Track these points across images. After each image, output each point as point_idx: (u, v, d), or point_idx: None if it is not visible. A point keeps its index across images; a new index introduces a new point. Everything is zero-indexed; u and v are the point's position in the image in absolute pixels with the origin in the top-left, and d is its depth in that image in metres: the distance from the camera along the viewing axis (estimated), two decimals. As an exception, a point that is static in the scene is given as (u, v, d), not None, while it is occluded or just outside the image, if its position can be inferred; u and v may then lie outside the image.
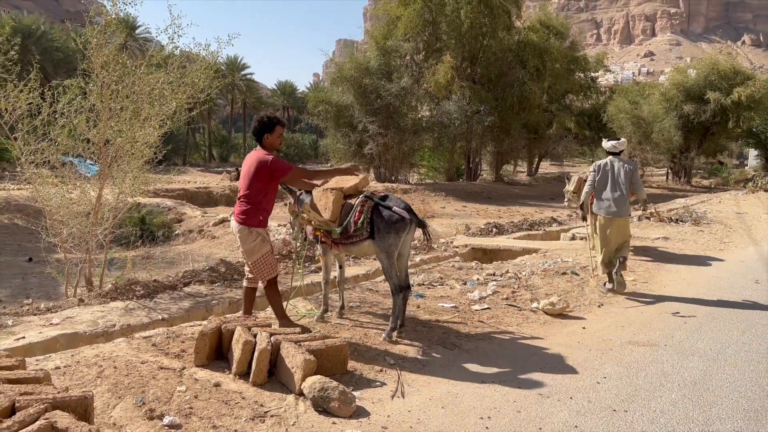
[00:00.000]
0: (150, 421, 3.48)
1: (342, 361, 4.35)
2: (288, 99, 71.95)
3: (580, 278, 7.88)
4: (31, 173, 7.56)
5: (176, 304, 6.65)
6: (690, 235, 11.94)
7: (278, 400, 3.86)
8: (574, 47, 34.53)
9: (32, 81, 7.29)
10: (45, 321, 5.89)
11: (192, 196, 21.15)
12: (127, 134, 7.79)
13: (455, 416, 3.74)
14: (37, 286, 9.76)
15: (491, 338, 5.40)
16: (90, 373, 4.16)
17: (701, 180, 39.62)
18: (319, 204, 5.40)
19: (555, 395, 4.10)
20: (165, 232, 15.39)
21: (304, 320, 5.66)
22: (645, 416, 3.80)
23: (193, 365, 4.37)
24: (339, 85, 29.27)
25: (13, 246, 13.80)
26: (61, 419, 2.83)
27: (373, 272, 8.52)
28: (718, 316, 6.22)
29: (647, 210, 8.34)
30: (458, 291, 7.13)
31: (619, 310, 6.45)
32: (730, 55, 34.97)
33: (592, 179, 7.53)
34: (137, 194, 8.59)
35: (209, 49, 8.67)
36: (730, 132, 33.62)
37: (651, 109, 32.81)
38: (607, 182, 7.39)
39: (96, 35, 7.40)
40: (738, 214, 15.75)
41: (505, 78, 30.07)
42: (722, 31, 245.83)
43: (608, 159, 7.52)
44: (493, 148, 34.20)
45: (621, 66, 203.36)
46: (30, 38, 40.58)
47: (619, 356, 4.95)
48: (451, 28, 29.09)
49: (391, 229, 5.08)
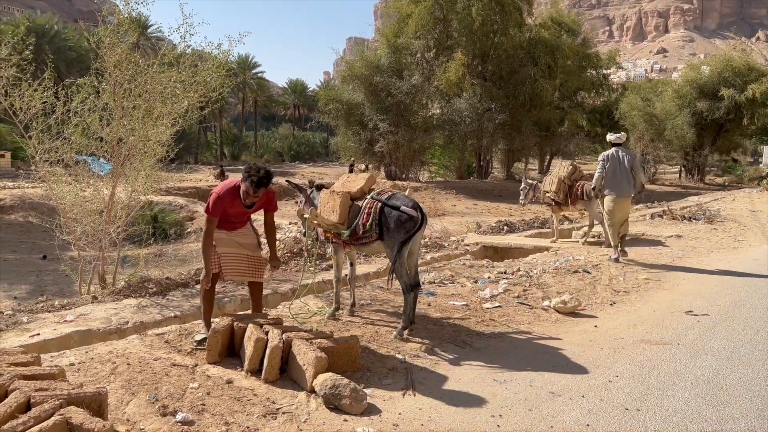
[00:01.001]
0: (163, 418, 3.50)
1: (353, 358, 4.36)
2: (299, 97, 72.17)
3: (592, 276, 7.84)
4: (46, 171, 7.65)
5: (188, 302, 6.69)
6: (703, 233, 11.84)
7: (290, 397, 3.87)
8: (585, 44, 34.36)
9: (46, 80, 7.37)
10: (59, 318, 5.96)
11: (204, 194, 21.24)
12: (139, 133, 7.85)
13: (466, 414, 3.74)
14: (51, 284, 9.87)
15: (502, 336, 5.39)
16: (104, 370, 4.20)
17: (715, 178, 39.23)
18: (326, 207, 5.41)
19: (567, 394, 4.08)
20: (177, 230, 15.51)
21: (315, 318, 5.68)
22: (658, 415, 3.78)
23: (206, 362, 4.40)
24: (349, 83, 29.32)
25: (28, 244, 13.96)
26: (75, 415, 2.85)
27: (384, 270, 8.53)
28: (731, 315, 6.17)
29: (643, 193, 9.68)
30: (469, 289, 7.12)
31: (631, 309, 6.41)
32: (744, 51, 34.51)
33: (602, 167, 8.76)
34: (150, 192, 8.66)
35: (221, 47, 8.71)
36: (744, 129, 33.29)
37: (664, 106, 32.53)
38: (616, 169, 8.69)
39: (109, 34, 7.47)
40: (752, 212, 15.58)
41: (516, 75, 29.95)
42: (736, 27, 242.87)
43: (613, 150, 8.78)
44: (504, 146, 34.12)
45: (633, 63, 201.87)
46: (44, 38, 40.98)
47: (631, 355, 4.92)
48: (462, 26, 29.01)
49: (401, 228, 5.06)
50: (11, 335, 5.43)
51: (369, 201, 5.25)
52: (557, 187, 10.44)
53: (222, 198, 4.78)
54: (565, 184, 10.42)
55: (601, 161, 8.82)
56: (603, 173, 8.75)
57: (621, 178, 8.68)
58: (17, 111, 7.25)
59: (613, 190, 8.70)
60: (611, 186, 8.73)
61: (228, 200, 4.81)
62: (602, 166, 8.75)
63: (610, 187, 8.74)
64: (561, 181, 10.44)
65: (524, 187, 11.43)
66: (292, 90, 73.52)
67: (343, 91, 30.07)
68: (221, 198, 4.78)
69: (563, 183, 10.42)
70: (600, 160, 8.87)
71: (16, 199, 16.60)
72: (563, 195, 10.43)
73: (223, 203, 4.79)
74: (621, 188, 8.68)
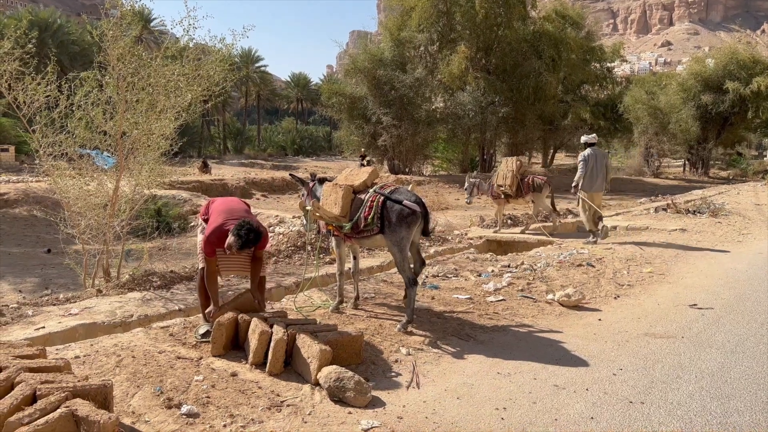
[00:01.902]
0: (168, 410, 3.52)
1: (357, 351, 4.37)
2: (301, 91, 72.07)
3: (596, 270, 7.83)
4: (49, 165, 7.65)
5: (193, 295, 6.71)
6: (708, 226, 11.81)
7: (294, 390, 3.88)
8: (590, 37, 34.10)
9: (49, 74, 7.35)
10: (64, 311, 5.98)
11: (207, 188, 21.25)
12: (143, 126, 7.84)
13: (470, 407, 3.74)
14: (56, 277, 9.89)
15: (506, 330, 5.39)
16: (109, 363, 4.21)
17: (719, 171, 39.06)
18: (329, 199, 5.42)
19: (571, 387, 4.08)
20: (181, 223, 15.50)
21: (319, 311, 5.69)
22: (662, 408, 3.78)
23: (210, 355, 4.41)
24: (353, 77, 29.23)
25: (32, 237, 13.99)
26: (81, 407, 2.87)
27: (387, 264, 8.54)
28: (736, 308, 6.15)
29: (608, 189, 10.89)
30: (473, 282, 7.12)
31: (635, 302, 6.40)
32: (749, 44, 34.27)
33: (583, 166, 9.92)
34: (153, 186, 8.67)
35: (225, 41, 8.69)
36: (749, 122, 33.08)
37: (668, 99, 32.34)
38: (593, 168, 9.94)
39: (111, 28, 7.45)
40: (757, 205, 15.53)
41: (520, 68, 29.77)
42: (741, 19, 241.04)
43: (590, 150, 9.97)
44: (507, 140, 33.98)
45: (637, 56, 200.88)
46: (47, 31, 40.97)
47: (635, 348, 4.91)
48: (465, 19, 28.84)
49: (403, 222, 5.10)
50: (17, 328, 5.45)
51: (371, 194, 5.27)
52: (510, 180, 11.29)
53: (211, 241, 4.70)
54: (516, 178, 11.32)
55: (582, 161, 9.96)
56: (584, 172, 9.89)
57: (597, 175, 9.95)
58: (21, 105, 7.25)
59: (591, 186, 9.97)
60: (589, 182, 9.95)
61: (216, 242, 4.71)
62: (584, 166, 9.91)
63: (588, 183, 9.95)
64: (513, 175, 11.30)
65: (467, 186, 12.17)
66: (295, 84, 73.41)
67: (346, 84, 29.98)
68: (210, 241, 4.70)
69: (516, 176, 11.30)
70: (581, 160, 10.00)
71: (20, 193, 16.62)
72: (516, 188, 11.33)
73: (213, 246, 4.71)
74: (597, 185, 10.01)
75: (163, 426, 3.36)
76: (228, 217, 4.79)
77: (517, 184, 11.32)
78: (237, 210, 4.97)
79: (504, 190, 11.36)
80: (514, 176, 11.27)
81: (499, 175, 11.63)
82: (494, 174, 12.04)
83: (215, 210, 4.97)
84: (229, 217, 4.79)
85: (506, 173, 11.39)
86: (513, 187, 11.29)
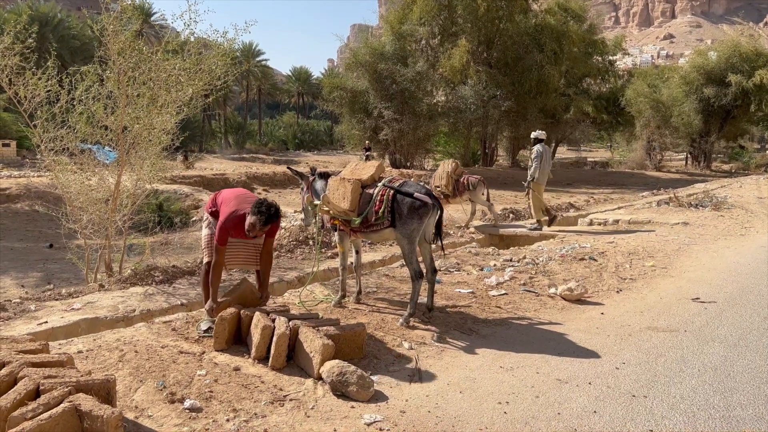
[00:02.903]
0: (171, 405, 3.52)
1: (360, 345, 4.37)
2: (303, 85, 71.88)
3: (599, 264, 7.82)
4: (51, 160, 7.65)
5: (195, 290, 6.71)
6: (710, 220, 11.78)
7: (297, 384, 3.88)
8: (592, 30, 34.00)
9: (50, 69, 7.34)
10: (67, 306, 5.99)
11: (209, 182, 21.25)
12: (144, 121, 7.83)
13: (473, 401, 3.74)
14: (58, 272, 9.91)
15: (509, 324, 5.38)
16: (112, 357, 4.21)
17: (721, 164, 38.99)
18: (337, 194, 5.40)
19: (573, 381, 4.08)
20: (182, 218, 15.53)
21: (321, 306, 5.69)
22: (665, 402, 3.77)
23: (213, 350, 4.41)
24: (354, 71, 29.20)
25: (34, 232, 14.01)
26: (84, 402, 2.87)
27: (389, 258, 8.54)
28: (739, 302, 6.14)
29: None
30: (475, 277, 7.11)
31: (638, 296, 6.39)
32: (752, 37, 34.13)
33: (538, 161, 10.80)
34: (155, 181, 8.66)
35: (227, 35, 8.67)
36: (751, 115, 33.04)
37: (670, 92, 32.27)
38: (545, 162, 10.88)
39: (112, 22, 7.43)
40: (759, 198, 15.49)
41: (522, 62, 29.71)
42: (744, 12, 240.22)
43: (539, 145, 10.86)
44: (509, 133, 33.95)
45: (640, 49, 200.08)
46: (47, 26, 40.83)
47: (638, 342, 4.91)
48: (467, 12, 28.77)
49: (414, 215, 5.11)
50: (19, 323, 5.46)
51: (381, 188, 5.26)
52: (446, 181, 11.56)
53: (226, 227, 4.71)
54: (452, 178, 11.57)
55: (536, 156, 10.83)
56: (539, 166, 10.80)
57: (546, 167, 10.94)
58: (22, 100, 7.24)
59: (543, 179, 10.96)
60: (542, 175, 10.89)
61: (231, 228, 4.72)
62: (538, 160, 10.81)
63: (541, 176, 10.88)
64: (449, 175, 11.57)
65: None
66: (296, 78, 73.21)
67: (348, 78, 29.94)
68: (225, 228, 4.70)
69: (451, 177, 11.57)
70: (535, 156, 10.86)
71: (21, 188, 16.64)
72: (452, 188, 11.59)
73: (228, 233, 4.73)
74: (547, 177, 11.06)
75: (166, 420, 3.36)
76: (240, 202, 4.84)
77: (453, 185, 11.59)
78: (248, 197, 5.01)
79: (441, 190, 11.60)
80: (450, 176, 11.56)
81: (436, 176, 11.97)
82: (432, 176, 12.34)
83: (225, 199, 4.98)
84: (242, 202, 4.83)
85: (442, 174, 11.72)
86: (449, 187, 11.54)
